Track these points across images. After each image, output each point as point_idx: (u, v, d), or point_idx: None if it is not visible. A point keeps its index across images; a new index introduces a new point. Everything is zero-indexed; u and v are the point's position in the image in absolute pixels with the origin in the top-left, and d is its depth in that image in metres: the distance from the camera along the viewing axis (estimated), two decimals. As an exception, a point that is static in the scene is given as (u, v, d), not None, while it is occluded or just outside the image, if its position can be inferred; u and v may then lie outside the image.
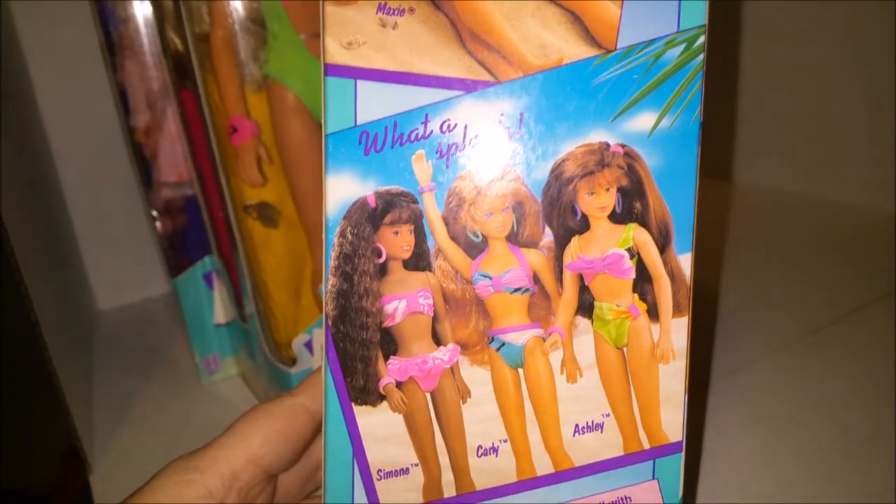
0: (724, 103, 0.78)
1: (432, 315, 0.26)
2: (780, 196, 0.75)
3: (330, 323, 0.26)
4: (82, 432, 0.41)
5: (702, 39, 0.25)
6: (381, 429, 0.27)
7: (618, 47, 0.25)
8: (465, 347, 0.26)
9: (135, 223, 0.61)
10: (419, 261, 0.26)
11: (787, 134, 0.75)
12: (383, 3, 0.25)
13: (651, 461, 0.27)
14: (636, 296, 0.26)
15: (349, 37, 0.25)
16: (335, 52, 0.25)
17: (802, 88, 0.73)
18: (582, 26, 0.24)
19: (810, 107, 0.73)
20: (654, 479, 0.27)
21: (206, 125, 0.41)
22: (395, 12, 0.25)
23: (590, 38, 0.24)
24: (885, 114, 0.66)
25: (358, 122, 0.25)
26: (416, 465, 0.27)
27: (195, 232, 0.48)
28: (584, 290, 0.26)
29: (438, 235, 0.26)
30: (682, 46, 0.25)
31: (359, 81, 0.25)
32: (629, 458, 0.27)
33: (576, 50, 0.25)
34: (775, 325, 0.52)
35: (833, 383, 0.44)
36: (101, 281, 0.65)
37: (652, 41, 0.25)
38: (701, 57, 0.25)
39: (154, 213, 0.48)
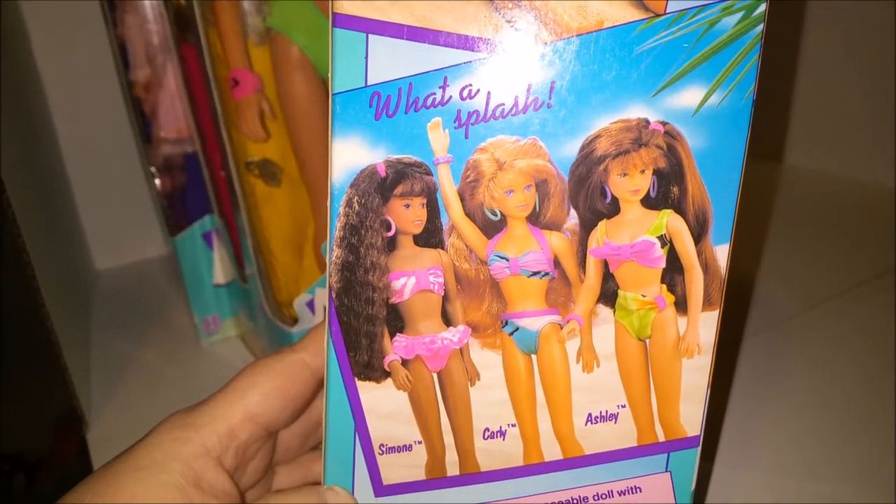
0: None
1: (443, 294, 0.24)
2: (784, 172, 0.73)
3: (334, 296, 0.24)
4: (80, 393, 0.41)
5: (763, 7, 0.21)
6: (385, 405, 0.25)
7: (667, 11, 0.21)
8: (476, 329, 0.25)
9: (134, 183, 0.59)
10: (431, 237, 0.24)
11: (798, 111, 0.72)
12: (401, -54, 0.22)
13: (665, 454, 0.25)
14: (664, 286, 0.24)
15: (362, -16, 0.22)
16: (345, 0, 0.22)
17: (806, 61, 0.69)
18: (628, -16, 0.21)
19: (814, 79, 0.70)
20: (666, 471, 0.26)
21: (208, 79, 0.38)
22: (415, -42, 0.22)
23: (636, -2, 0.21)
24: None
25: (369, 82, 0.23)
26: (420, 442, 0.26)
27: (195, 190, 0.46)
28: (608, 277, 0.24)
29: (453, 211, 0.24)
30: (739, 14, 0.21)
31: (371, 36, 0.22)
32: (642, 450, 0.25)
33: (619, 12, 0.21)
34: (776, 300, 0.50)
35: (834, 357, 0.44)
36: (100, 241, 0.63)
37: (706, 6, 0.21)
38: (760, 27, 0.22)
39: (153, 169, 0.46)
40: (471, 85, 0.22)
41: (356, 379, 0.25)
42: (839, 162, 0.70)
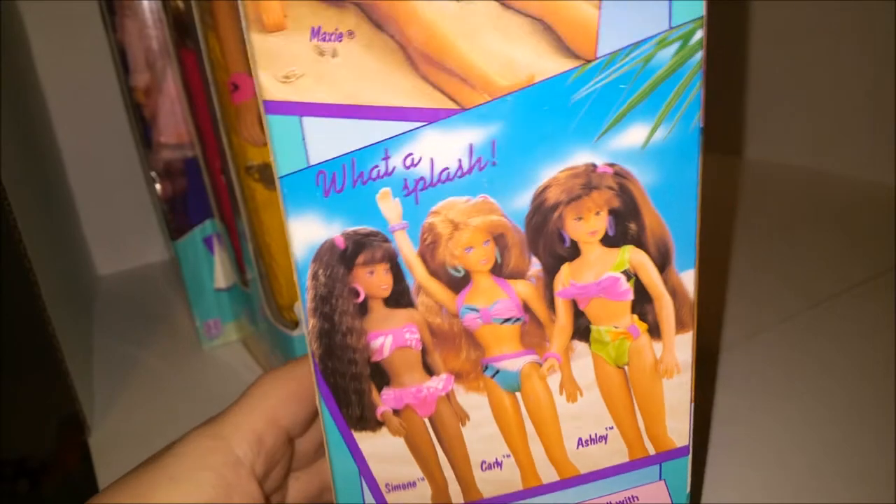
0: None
1: (420, 348, 0.25)
2: (782, 170, 0.71)
3: (317, 361, 0.25)
4: (82, 398, 0.42)
5: (699, 34, 0.20)
6: (384, 450, 0.26)
7: (598, 56, 0.21)
8: (458, 376, 0.25)
9: (135, 188, 0.59)
10: (400, 298, 0.24)
11: (786, 106, 0.71)
12: (316, 27, 0.21)
13: (657, 465, 0.26)
14: (636, 317, 0.24)
15: (284, 69, 0.21)
16: (272, 87, 0.22)
17: (806, 60, 0.68)
18: (553, 35, 0.20)
19: (814, 79, 0.68)
20: (660, 479, 0.27)
21: (208, 84, 0.38)
22: (332, 38, 0.21)
23: (564, 48, 0.21)
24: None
25: (311, 163, 0.22)
26: (423, 479, 0.27)
27: (196, 195, 0.46)
28: (578, 314, 0.24)
29: (417, 273, 0.24)
30: (676, 45, 0.21)
31: (304, 118, 0.22)
32: (635, 464, 0.26)
33: (548, 64, 0.21)
34: (777, 298, 0.50)
35: (834, 356, 0.43)
36: (101, 246, 0.64)
37: (639, 43, 0.20)
38: (699, 55, 0.21)
39: (153, 174, 0.46)
40: (412, 153, 0.22)
41: (353, 431, 0.26)
42: (839, 160, 0.68)
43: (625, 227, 0.23)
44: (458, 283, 0.24)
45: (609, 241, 0.23)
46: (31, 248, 0.37)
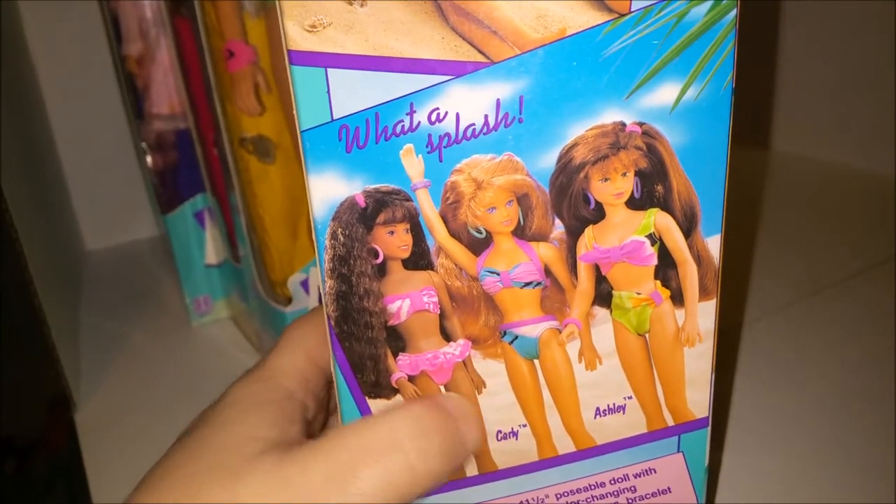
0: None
1: (438, 312, 0.24)
2: (784, 159, 0.71)
3: (333, 323, 0.25)
4: (69, 374, 0.41)
5: (734, -8, 0.20)
6: (398, 418, 0.26)
7: (632, 9, 0.20)
8: (476, 342, 0.25)
9: (126, 162, 0.58)
10: (419, 259, 0.24)
11: (793, 97, 0.71)
12: (346, -25, 0.21)
13: (676, 436, 0.26)
14: (658, 282, 0.24)
15: (311, 18, 0.21)
16: (298, 36, 0.21)
17: (807, 52, 0.69)
18: (588, -12, 0.20)
19: (819, 70, 0.69)
20: (679, 452, 0.26)
21: (202, 53, 0.38)
22: (362, -14, 0.21)
23: (598, 1, 0.20)
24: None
25: (335, 117, 0.22)
26: (437, 449, 0.27)
27: (187, 168, 0.46)
28: (600, 279, 0.24)
29: (437, 233, 0.23)
30: (710, 2, 0.20)
31: (329, 70, 0.21)
32: (653, 435, 0.26)
33: (581, 17, 0.20)
34: (776, 285, 0.50)
35: (835, 344, 0.43)
36: (91, 221, 0.63)
37: (673, -1, 0.20)
38: (733, 13, 0.20)
39: (144, 146, 0.45)
40: (438, 108, 0.22)
41: (367, 398, 0.26)
42: (842, 150, 0.68)
43: (651, 189, 0.22)
44: (479, 245, 0.23)
45: (635, 204, 0.23)
46: (18, 222, 0.36)
